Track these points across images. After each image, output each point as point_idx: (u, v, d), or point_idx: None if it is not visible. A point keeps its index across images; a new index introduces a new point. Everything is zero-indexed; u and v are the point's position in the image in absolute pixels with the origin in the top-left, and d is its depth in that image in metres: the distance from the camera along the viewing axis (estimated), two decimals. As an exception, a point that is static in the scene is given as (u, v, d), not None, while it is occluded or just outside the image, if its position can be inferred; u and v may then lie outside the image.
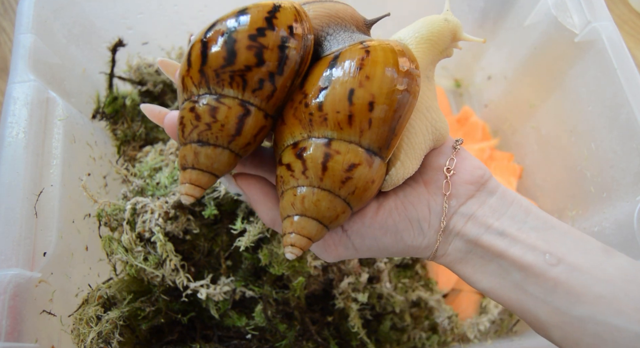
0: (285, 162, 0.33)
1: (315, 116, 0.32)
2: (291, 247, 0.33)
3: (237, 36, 0.31)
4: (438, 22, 0.38)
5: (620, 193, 0.51)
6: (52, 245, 0.45)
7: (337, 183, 0.32)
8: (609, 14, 0.53)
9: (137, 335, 0.50)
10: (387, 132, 0.32)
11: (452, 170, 0.36)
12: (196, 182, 0.33)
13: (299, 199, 0.32)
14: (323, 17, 0.35)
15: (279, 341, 0.53)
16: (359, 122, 0.31)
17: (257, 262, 0.54)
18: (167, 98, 0.68)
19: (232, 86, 0.32)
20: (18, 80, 0.50)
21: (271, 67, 0.31)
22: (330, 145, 0.31)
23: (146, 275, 0.51)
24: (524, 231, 0.34)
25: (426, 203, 0.36)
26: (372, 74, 0.31)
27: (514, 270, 0.34)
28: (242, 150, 0.33)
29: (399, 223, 0.35)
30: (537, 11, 0.62)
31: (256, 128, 0.33)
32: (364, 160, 0.32)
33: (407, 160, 0.35)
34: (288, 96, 0.33)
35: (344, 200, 0.32)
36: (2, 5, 0.86)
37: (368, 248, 0.36)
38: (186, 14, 0.69)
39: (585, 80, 0.56)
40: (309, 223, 0.33)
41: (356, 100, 0.31)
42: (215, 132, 0.32)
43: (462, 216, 0.36)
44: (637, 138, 0.48)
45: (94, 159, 0.59)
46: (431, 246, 0.36)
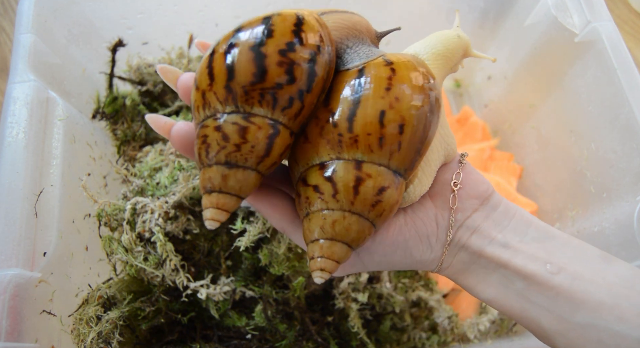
0: (312, 183, 0.32)
1: (345, 137, 0.31)
2: (321, 272, 0.32)
3: (267, 51, 0.29)
4: (452, 39, 0.38)
5: (620, 193, 0.51)
6: (52, 245, 0.45)
7: (367, 207, 0.31)
8: (609, 14, 0.53)
9: (137, 335, 0.50)
10: (414, 154, 0.32)
11: (458, 184, 0.37)
12: (223, 206, 0.31)
13: (329, 223, 0.31)
14: (342, 29, 0.35)
15: (279, 341, 0.53)
16: (390, 145, 0.31)
17: (257, 262, 0.54)
18: (167, 98, 0.68)
19: (262, 105, 0.30)
20: (18, 80, 0.50)
21: (301, 84, 0.30)
22: (362, 168, 0.31)
23: (146, 275, 0.51)
24: (526, 242, 0.35)
25: (434, 217, 0.37)
26: (401, 96, 0.31)
27: (517, 279, 0.34)
28: (267, 170, 0.32)
29: (409, 239, 0.36)
30: (537, 11, 0.62)
31: (283, 147, 0.31)
32: (392, 182, 0.31)
33: (424, 177, 0.36)
34: (313, 113, 0.32)
35: (371, 222, 0.32)
36: (2, 5, 0.86)
37: (377, 263, 0.37)
38: (186, 14, 0.69)
39: (585, 80, 0.56)
40: (338, 247, 0.32)
41: (387, 123, 0.30)
42: (245, 153, 0.30)
43: (467, 229, 0.36)
44: (637, 138, 0.48)
45: (94, 159, 0.59)
46: (437, 259, 0.37)
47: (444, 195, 0.37)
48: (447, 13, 0.73)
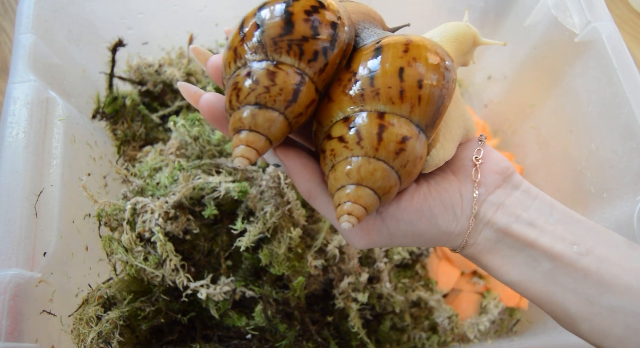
0: (337, 135, 0.33)
1: (367, 91, 0.33)
2: (347, 216, 0.33)
3: (294, 10, 0.32)
4: (462, 26, 0.40)
5: (620, 193, 0.51)
6: (52, 245, 0.45)
7: (391, 154, 0.32)
8: (609, 14, 0.53)
9: (137, 335, 0.50)
10: (434, 110, 0.33)
11: (480, 159, 0.37)
12: (252, 144, 0.32)
13: (354, 169, 0.33)
14: (358, 13, 0.37)
15: (279, 341, 0.53)
16: (410, 98, 0.32)
17: (257, 262, 0.54)
18: (167, 98, 0.68)
19: (289, 54, 0.32)
20: (18, 80, 0.50)
21: (325, 40, 0.33)
22: (384, 118, 0.32)
23: (146, 275, 0.51)
24: (551, 223, 0.35)
25: (457, 189, 0.37)
26: (418, 57, 0.33)
27: (544, 260, 0.34)
28: (295, 120, 0.33)
29: (434, 207, 0.36)
30: (537, 11, 0.62)
31: (309, 98, 0.33)
32: (415, 134, 0.33)
33: (446, 143, 0.36)
34: (335, 75, 0.35)
35: (397, 172, 0.33)
36: (2, 5, 0.86)
37: (403, 233, 0.36)
38: (186, 14, 0.69)
39: (585, 80, 0.56)
40: (365, 192, 0.33)
41: (406, 77, 0.32)
42: (274, 95, 0.32)
43: (491, 205, 0.36)
44: (637, 138, 0.48)
45: (94, 159, 0.59)
46: (463, 233, 0.37)
47: (466, 170, 0.37)
48: (448, 13, 0.73)
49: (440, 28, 0.40)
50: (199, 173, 0.54)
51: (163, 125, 0.67)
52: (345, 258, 0.57)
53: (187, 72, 0.67)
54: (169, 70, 0.65)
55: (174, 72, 0.65)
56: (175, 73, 0.65)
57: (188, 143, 0.57)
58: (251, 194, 0.53)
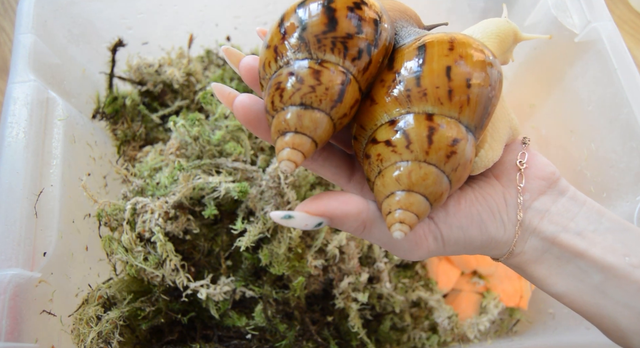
0: (383, 139, 0.32)
1: (414, 92, 0.31)
2: (400, 224, 0.31)
3: (336, 6, 0.31)
4: (503, 22, 0.39)
5: (620, 193, 0.51)
6: (52, 245, 0.45)
7: (442, 157, 0.31)
8: (609, 14, 0.53)
9: (137, 335, 0.50)
10: (482, 110, 0.32)
11: (524, 163, 0.36)
12: (299, 146, 0.31)
13: (404, 174, 0.31)
14: (395, 11, 0.36)
15: (279, 341, 0.53)
16: (459, 98, 0.31)
17: (257, 262, 0.54)
18: (167, 98, 0.68)
19: (333, 52, 0.31)
20: (18, 80, 0.50)
21: (369, 37, 0.32)
22: (433, 119, 0.31)
23: (146, 275, 0.51)
24: (600, 233, 0.33)
25: (502, 195, 0.35)
26: (464, 55, 0.31)
27: (594, 271, 0.32)
28: (339, 121, 0.32)
29: (482, 213, 0.34)
30: (537, 11, 0.62)
31: (353, 98, 0.32)
32: (465, 136, 0.31)
33: (495, 143, 0.35)
34: (378, 74, 0.33)
35: (447, 176, 0.32)
36: (2, 5, 0.86)
37: (455, 240, 0.35)
38: (186, 14, 0.69)
39: (585, 80, 0.56)
40: (416, 198, 0.31)
41: (454, 76, 0.31)
42: (320, 94, 0.31)
43: (536, 212, 0.35)
44: (637, 138, 0.48)
45: (94, 159, 0.59)
46: (509, 241, 0.35)
47: (510, 175, 0.36)
48: (448, 13, 0.73)
49: (480, 25, 0.39)
50: (199, 173, 0.54)
51: (163, 125, 0.67)
52: (345, 258, 0.57)
53: (187, 72, 0.67)
54: (169, 70, 0.65)
55: (174, 72, 0.65)
56: (175, 73, 0.65)
57: (188, 143, 0.57)
58: (251, 194, 0.53)
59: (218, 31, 0.72)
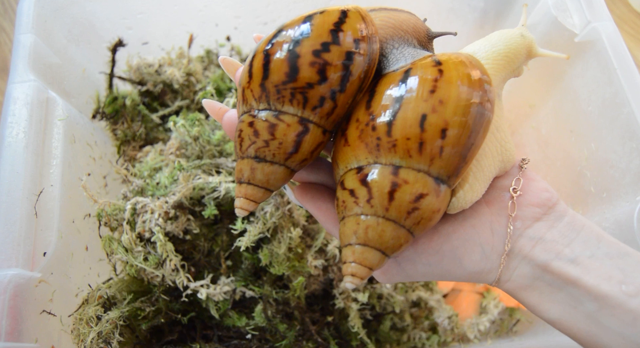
0: (349, 187, 0.32)
1: (383, 141, 0.30)
2: (352, 277, 0.31)
3: (301, 51, 0.30)
4: (515, 38, 0.36)
5: (620, 193, 0.51)
6: (52, 245, 0.45)
7: (403, 213, 0.30)
8: (609, 14, 0.53)
9: (137, 335, 0.50)
10: (458, 160, 0.30)
11: (518, 190, 0.34)
12: (251, 197, 0.33)
13: (362, 228, 0.31)
14: (388, 28, 0.34)
15: (279, 341, 0.53)
16: (430, 150, 0.29)
17: (257, 262, 0.54)
18: (167, 98, 0.68)
19: (292, 103, 0.31)
20: (18, 80, 0.50)
21: (334, 84, 0.30)
22: (398, 174, 0.30)
23: (146, 275, 0.51)
24: (597, 258, 0.32)
25: (488, 224, 0.34)
26: (446, 98, 0.29)
27: (587, 300, 0.31)
28: (298, 165, 0.33)
29: (458, 248, 0.33)
30: (537, 11, 0.62)
31: (314, 144, 0.32)
32: (432, 190, 0.30)
33: (476, 183, 0.33)
34: (348, 111, 0.32)
35: (408, 229, 0.31)
36: (2, 5, 0.86)
37: (422, 274, 0.34)
38: (186, 14, 0.69)
39: (585, 80, 0.56)
40: (371, 253, 0.31)
41: (428, 127, 0.29)
42: (273, 149, 0.31)
43: (529, 239, 0.33)
44: (637, 138, 0.48)
45: (94, 159, 0.59)
46: (494, 270, 0.34)
47: (502, 202, 0.34)
48: (448, 13, 0.73)
49: (489, 40, 0.36)
50: (199, 173, 0.54)
51: (163, 125, 0.67)
52: (345, 258, 0.57)
53: (187, 72, 0.67)
54: (169, 70, 0.65)
55: (174, 72, 0.65)
56: (175, 73, 0.65)
57: (188, 143, 0.57)
58: (251, 194, 0.53)
59: (218, 31, 0.72)
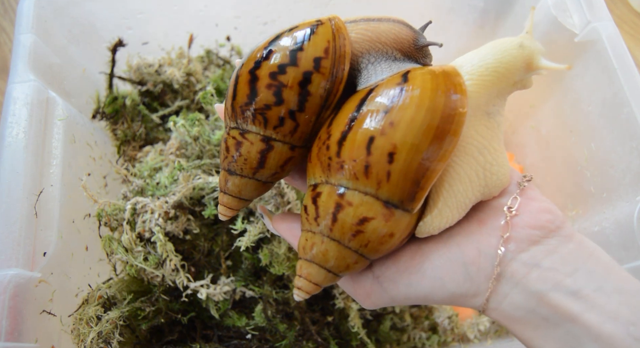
0: (305, 203, 0.32)
1: (333, 162, 0.30)
2: (298, 290, 0.33)
3: (260, 74, 0.31)
4: (510, 50, 0.31)
5: (620, 193, 0.51)
6: (52, 245, 0.45)
7: (346, 235, 0.30)
8: (609, 14, 0.53)
9: (137, 335, 0.50)
10: (410, 185, 0.29)
11: (513, 210, 0.31)
12: (227, 205, 0.36)
13: (309, 245, 0.31)
14: (364, 42, 0.33)
15: (279, 341, 0.53)
16: (376, 173, 0.28)
17: (257, 262, 0.54)
18: (167, 98, 0.68)
19: (254, 123, 0.32)
20: (18, 80, 0.50)
21: (291, 105, 0.31)
22: (344, 196, 0.29)
23: (146, 275, 0.51)
24: (604, 293, 0.28)
25: (476, 244, 0.31)
26: (397, 120, 0.28)
27: (588, 340, 0.28)
28: (270, 178, 0.34)
29: (439, 267, 0.31)
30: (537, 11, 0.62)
31: (281, 160, 0.33)
32: (380, 214, 0.29)
33: (446, 209, 0.31)
34: (316, 128, 0.33)
35: (356, 251, 0.30)
36: (2, 5, 0.86)
37: (405, 296, 0.32)
38: (186, 14, 0.69)
39: (585, 80, 0.56)
40: (316, 270, 0.31)
41: (374, 150, 0.28)
42: (240, 164, 0.33)
43: (523, 264, 0.30)
44: (637, 138, 0.48)
45: (94, 159, 0.59)
46: (481, 294, 0.31)
47: (495, 221, 0.31)
48: (448, 13, 0.73)
49: (480, 53, 0.32)
50: (199, 173, 0.54)
51: (163, 125, 0.67)
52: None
53: (187, 72, 0.67)
54: (169, 70, 0.65)
55: (174, 72, 0.65)
56: (175, 73, 0.65)
57: (188, 143, 0.57)
58: (251, 194, 0.53)
59: (218, 31, 0.72)
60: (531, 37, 0.32)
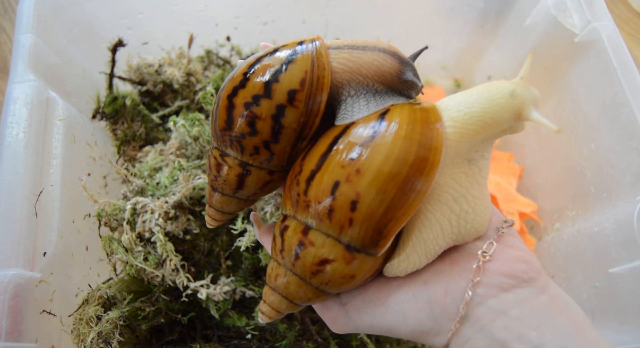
0: (274, 232, 0.33)
1: (301, 199, 0.30)
2: (261, 314, 0.34)
3: (237, 102, 0.31)
4: (499, 99, 0.29)
5: (620, 194, 0.51)
6: (52, 245, 0.45)
7: (307, 273, 0.30)
8: (609, 14, 0.53)
9: (137, 335, 0.50)
10: (372, 233, 0.29)
11: (487, 255, 0.31)
12: (213, 216, 0.37)
13: (273, 274, 0.33)
14: (344, 72, 0.32)
15: (279, 341, 0.53)
16: (339, 219, 0.28)
17: (257, 262, 0.54)
18: (167, 98, 0.68)
19: (232, 148, 0.33)
20: (18, 80, 0.49)
21: (264, 136, 0.31)
22: (308, 234, 0.30)
23: (146, 275, 0.51)
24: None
25: (444, 284, 0.31)
26: (364, 168, 0.28)
27: None
28: (251, 197, 0.35)
29: (404, 302, 0.31)
30: (537, 11, 0.62)
31: (259, 183, 0.34)
32: (340, 256, 0.29)
33: (414, 255, 0.31)
34: (293, 156, 0.33)
35: (317, 287, 0.31)
36: (2, 5, 0.86)
37: (369, 326, 0.32)
38: (186, 14, 0.69)
39: (585, 80, 0.56)
40: (278, 299, 0.33)
41: (339, 196, 0.28)
42: (221, 183, 0.34)
43: (490, 310, 0.29)
44: (637, 138, 0.48)
45: (94, 159, 0.59)
46: (444, 334, 0.30)
47: (468, 264, 0.31)
48: (447, 13, 0.73)
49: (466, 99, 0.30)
50: (199, 173, 0.54)
51: (163, 125, 0.67)
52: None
53: (187, 72, 0.67)
54: (169, 70, 0.65)
55: (174, 72, 0.65)
56: (175, 73, 0.65)
57: (188, 143, 0.57)
58: (251, 194, 0.53)
59: (218, 31, 0.72)
60: (525, 84, 0.31)
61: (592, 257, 0.54)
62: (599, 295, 0.51)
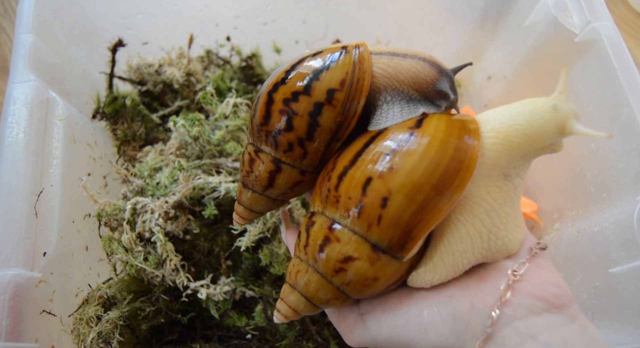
0: (301, 229, 0.33)
1: (331, 194, 0.30)
2: (277, 313, 0.33)
3: (275, 97, 0.32)
4: (543, 113, 0.29)
5: (620, 194, 0.51)
6: (52, 245, 0.45)
7: (329, 270, 0.30)
8: (609, 14, 0.53)
9: (137, 335, 0.50)
10: (400, 233, 0.28)
11: (518, 274, 0.30)
12: (240, 214, 0.37)
13: (294, 271, 0.32)
14: (382, 77, 0.32)
15: (279, 341, 0.53)
16: (368, 215, 0.28)
17: (257, 262, 0.54)
18: (167, 98, 0.68)
19: (267, 144, 0.33)
20: (18, 80, 0.49)
21: (300, 133, 0.31)
22: (334, 230, 0.29)
23: (146, 275, 0.51)
24: None
25: (470, 299, 0.30)
26: (398, 167, 0.28)
27: None
28: (280, 196, 0.35)
29: (426, 316, 0.30)
30: (537, 11, 0.62)
31: (290, 182, 0.34)
32: (365, 255, 0.29)
33: (441, 265, 0.30)
34: (326, 157, 0.33)
35: (338, 288, 0.30)
36: (2, 5, 0.86)
37: (387, 338, 0.31)
38: (186, 14, 0.69)
39: (585, 80, 0.56)
40: (296, 297, 0.32)
41: (370, 192, 0.28)
42: (252, 180, 0.34)
43: (517, 332, 0.28)
44: (637, 138, 0.48)
45: (94, 159, 0.59)
46: None
47: (497, 281, 0.30)
48: (447, 13, 0.73)
49: (510, 111, 0.30)
50: (199, 173, 0.54)
51: (163, 125, 0.67)
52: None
53: (187, 72, 0.67)
54: (169, 70, 0.65)
55: (174, 72, 0.65)
56: (175, 73, 0.65)
57: (188, 143, 0.57)
58: (251, 194, 0.53)
59: (218, 31, 0.72)
60: (565, 98, 0.30)
61: (592, 257, 0.54)
62: (599, 295, 0.51)
